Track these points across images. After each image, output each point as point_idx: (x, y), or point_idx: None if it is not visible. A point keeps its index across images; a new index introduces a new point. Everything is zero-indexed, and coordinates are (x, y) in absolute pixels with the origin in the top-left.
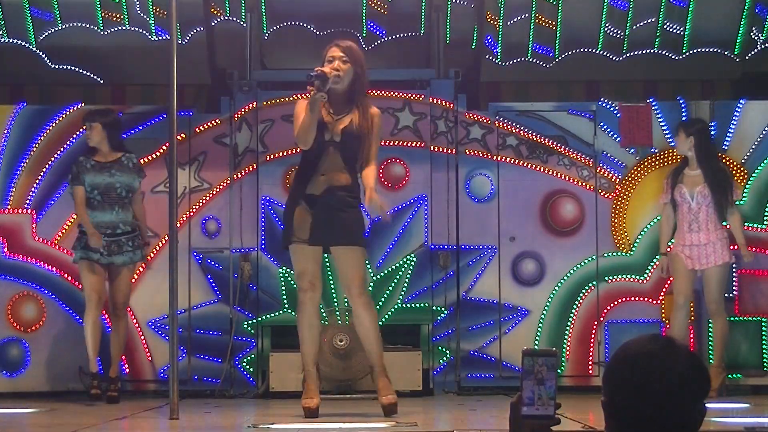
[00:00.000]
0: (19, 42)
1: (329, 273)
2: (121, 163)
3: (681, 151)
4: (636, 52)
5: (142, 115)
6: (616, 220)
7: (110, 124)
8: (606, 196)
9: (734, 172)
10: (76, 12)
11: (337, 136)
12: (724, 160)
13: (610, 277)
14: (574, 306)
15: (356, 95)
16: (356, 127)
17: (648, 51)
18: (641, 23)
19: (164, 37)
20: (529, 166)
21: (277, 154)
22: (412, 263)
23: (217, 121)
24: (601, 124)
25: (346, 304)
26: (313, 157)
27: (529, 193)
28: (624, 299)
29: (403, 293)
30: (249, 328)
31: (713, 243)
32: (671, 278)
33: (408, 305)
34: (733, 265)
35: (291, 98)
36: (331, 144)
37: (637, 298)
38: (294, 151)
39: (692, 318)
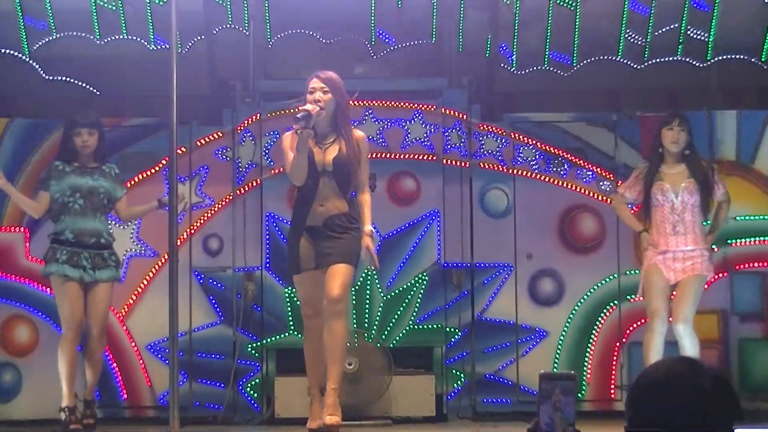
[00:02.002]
0: (12, 52)
1: None
2: (103, 171)
3: (667, 143)
4: (658, 60)
5: (139, 129)
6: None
7: (103, 135)
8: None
9: (763, 187)
10: (72, 21)
11: (328, 166)
12: (752, 173)
13: (633, 296)
14: (595, 327)
15: (339, 123)
16: (345, 155)
17: (670, 58)
18: (663, 29)
19: (164, 47)
20: (546, 179)
21: (281, 169)
22: (425, 282)
23: (218, 133)
24: (622, 134)
25: (354, 326)
26: (309, 189)
27: (547, 208)
28: (648, 319)
29: (414, 314)
30: (253, 351)
31: (701, 251)
32: (642, 297)
33: (420, 326)
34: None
35: (296, 109)
36: (324, 174)
37: None
38: None
39: (717, 337)
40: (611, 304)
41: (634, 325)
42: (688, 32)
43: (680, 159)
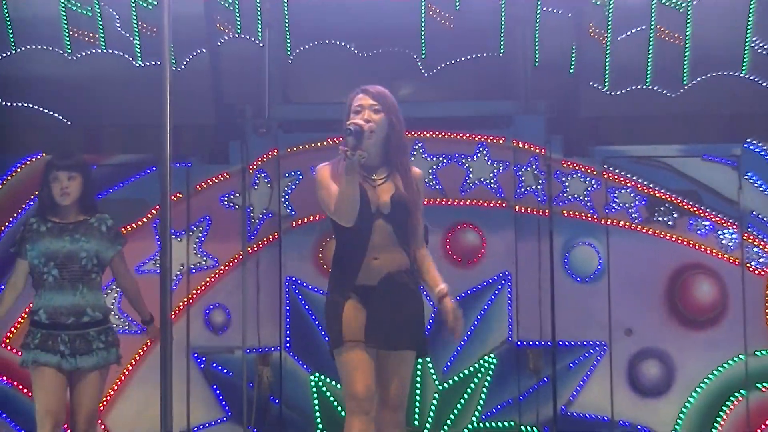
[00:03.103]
0: None
1: None
2: (89, 226)
3: None
4: None
5: (123, 168)
6: None
7: (90, 179)
8: (757, 272)
9: None
10: (37, 31)
11: (385, 207)
12: None
13: (766, 384)
14: (716, 424)
15: (393, 152)
16: (405, 194)
17: None
18: None
19: (154, 63)
20: (649, 231)
21: (306, 219)
22: (492, 367)
23: (225, 174)
24: (749, 174)
25: (416, 424)
26: (359, 236)
27: (651, 269)
28: None
29: (479, 408)
30: None
31: None
32: None
33: (487, 424)
34: None
35: (324, 143)
36: (380, 217)
37: None
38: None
39: None
40: (736, 394)
41: None
42: None
43: None
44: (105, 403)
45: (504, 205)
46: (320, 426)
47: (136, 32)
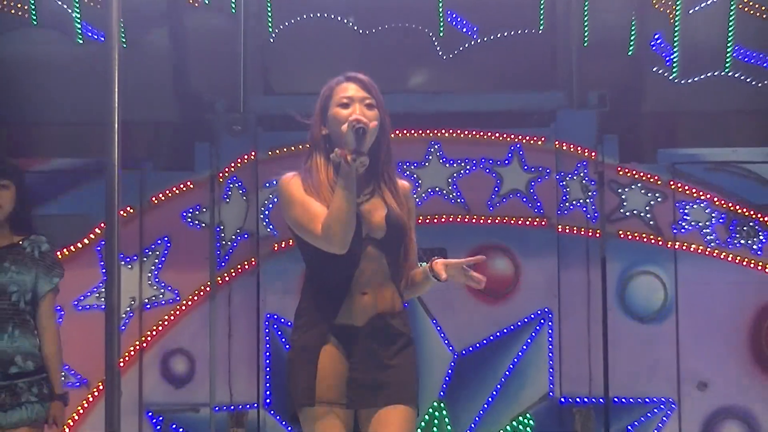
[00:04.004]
0: None
1: None
2: (20, 251)
3: None
4: None
5: (59, 176)
6: None
7: (24, 189)
8: None
9: None
10: None
11: (378, 230)
12: None
13: None
14: None
15: (382, 160)
16: (398, 214)
17: None
18: None
19: (97, 39)
20: (728, 257)
21: (291, 242)
22: (529, 428)
23: (188, 184)
24: None
25: None
26: (343, 266)
27: (731, 306)
28: None
29: None
30: None
31: None
32: None
33: None
34: None
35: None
36: (370, 243)
37: None
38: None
39: None
40: None
41: None
42: None
43: None
44: None
45: (544, 223)
46: None
47: (76, 4)
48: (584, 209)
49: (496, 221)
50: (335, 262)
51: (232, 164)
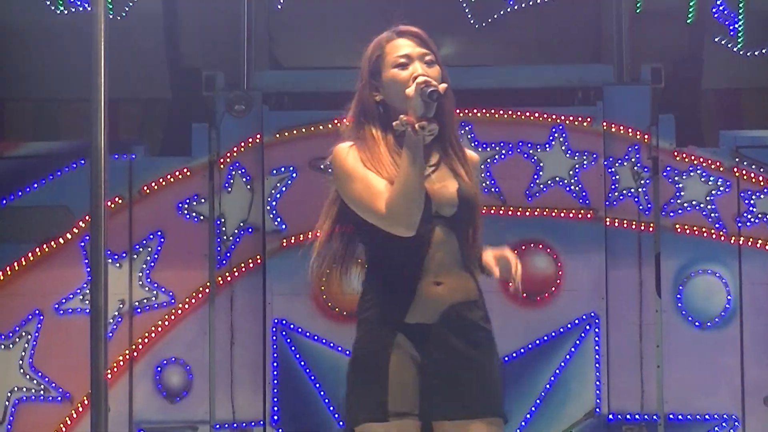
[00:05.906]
0: None
1: None
2: None
3: None
4: None
5: (37, 162)
6: None
7: None
8: None
9: None
10: None
11: (449, 206)
12: None
13: None
14: None
15: (447, 125)
16: (472, 187)
17: None
18: None
19: (82, 9)
20: None
21: (301, 236)
22: None
23: (185, 171)
24: None
25: None
26: (411, 250)
27: None
28: None
29: None
30: None
31: None
32: None
33: None
34: None
35: (329, 125)
36: (440, 222)
37: None
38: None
39: None
40: None
41: None
42: None
43: None
44: None
45: (590, 215)
46: None
47: None
48: (636, 200)
49: (536, 213)
50: (401, 246)
51: (235, 148)
